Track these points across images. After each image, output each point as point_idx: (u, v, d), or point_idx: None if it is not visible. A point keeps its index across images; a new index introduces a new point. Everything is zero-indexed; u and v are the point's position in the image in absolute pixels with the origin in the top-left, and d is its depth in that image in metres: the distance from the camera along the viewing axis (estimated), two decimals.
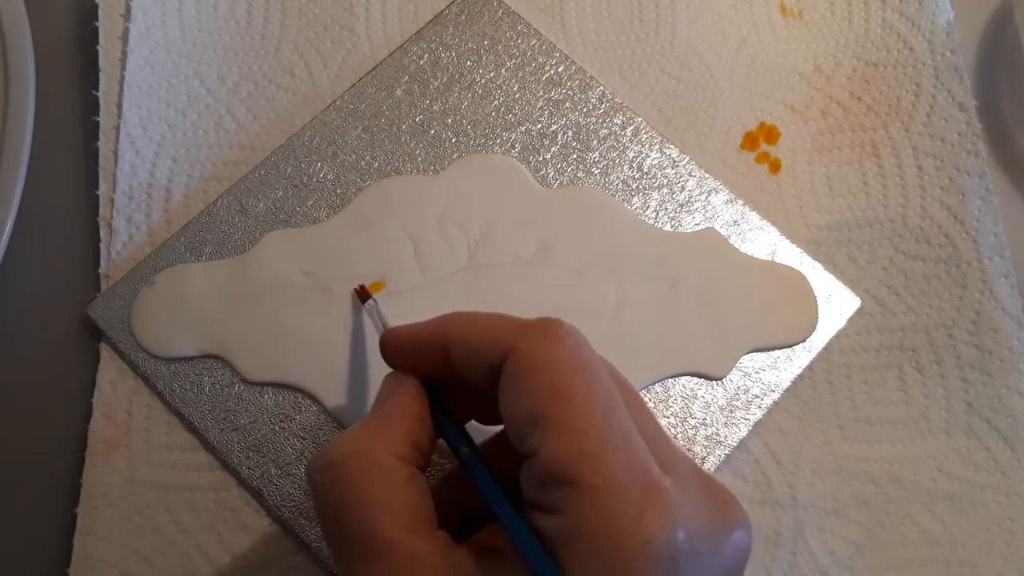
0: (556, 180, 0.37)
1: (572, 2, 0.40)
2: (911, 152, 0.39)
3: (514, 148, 0.37)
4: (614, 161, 0.37)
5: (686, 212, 0.37)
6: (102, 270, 0.35)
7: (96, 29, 0.38)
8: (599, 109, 0.38)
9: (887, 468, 0.35)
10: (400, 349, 0.27)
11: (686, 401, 0.35)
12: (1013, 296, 0.37)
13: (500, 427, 0.28)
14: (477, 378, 0.25)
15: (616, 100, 0.38)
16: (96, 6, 0.38)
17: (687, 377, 0.35)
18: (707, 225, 0.37)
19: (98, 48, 0.37)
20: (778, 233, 0.37)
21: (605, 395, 0.23)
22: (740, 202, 0.37)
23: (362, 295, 0.33)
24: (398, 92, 0.38)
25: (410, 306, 0.34)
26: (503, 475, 0.24)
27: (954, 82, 0.39)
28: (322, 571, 0.32)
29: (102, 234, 0.36)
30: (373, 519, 0.23)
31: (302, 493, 0.32)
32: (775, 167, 0.38)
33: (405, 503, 0.23)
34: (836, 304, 0.36)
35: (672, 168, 0.38)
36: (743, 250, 0.37)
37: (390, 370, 0.27)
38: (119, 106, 0.37)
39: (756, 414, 0.35)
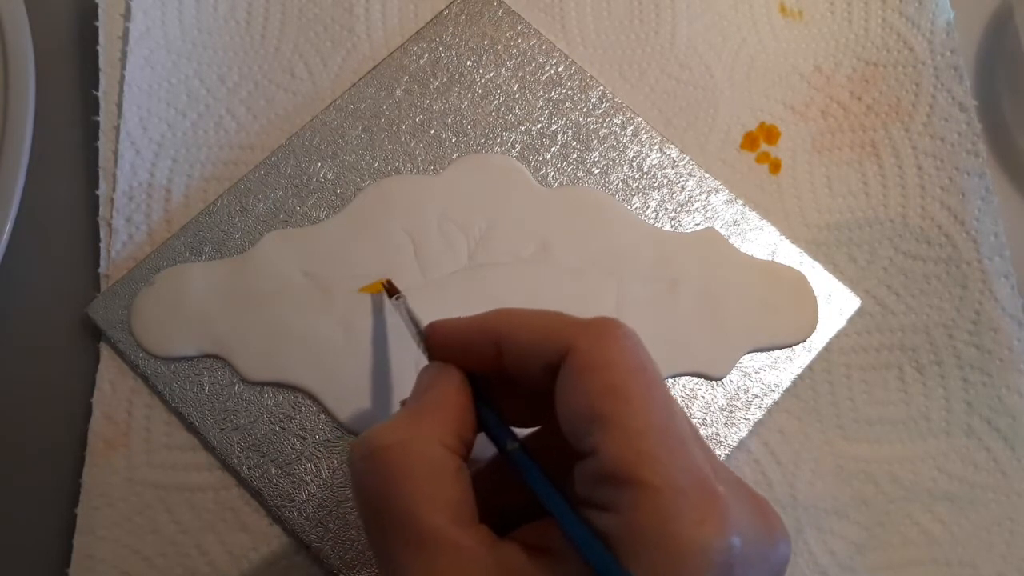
0: (556, 180, 0.37)
1: (572, 2, 0.40)
2: (911, 152, 0.39)
3: (514, 148, 0.37)
4: (614, 161, 0.37)
5: (686, 212, 0.37)
6: (102, 270, 0.35)
7: (96, 29, 0.38)
8: (599, 109, 0.38)
9: (887, 468, 0.35)
10: (447, 342, 0.27)
11: (686, 401, 0.35)
12: (1013, 296, 0.37)
13: (532, 428, 0.28)
14: (530, 375, 0.25)
15: (616, 100, 0.38)
16: (96, 6, 0.38)
17: (687, 377, 0.35)
18: (707, 225, 0.37)
19: (98, 48, 0.37)
20: (778, 233, 0.37)
21: (664, 398, 0.23)
22: (740, 202, 0.37)
23: (390, 290, 0.32)
24: (398, 92, 0.38)
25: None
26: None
27: (954, 82, 0.39)
28: (322, 571, 0.32)
29: (102, 234, 0.36)
30: (418, 509, 0.22)
31: (302, 493, 0.32)
32: (775, 167, 0.38)
33: (450, 494, 0.23)
34: (836, 304, 0.36)
35: (672, 168, 0.38)
36: (743, 250, 0.37)
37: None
38: (119, 106, 0.37)
39: (756, 414, 0.35)
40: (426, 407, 0.25)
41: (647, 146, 0.38)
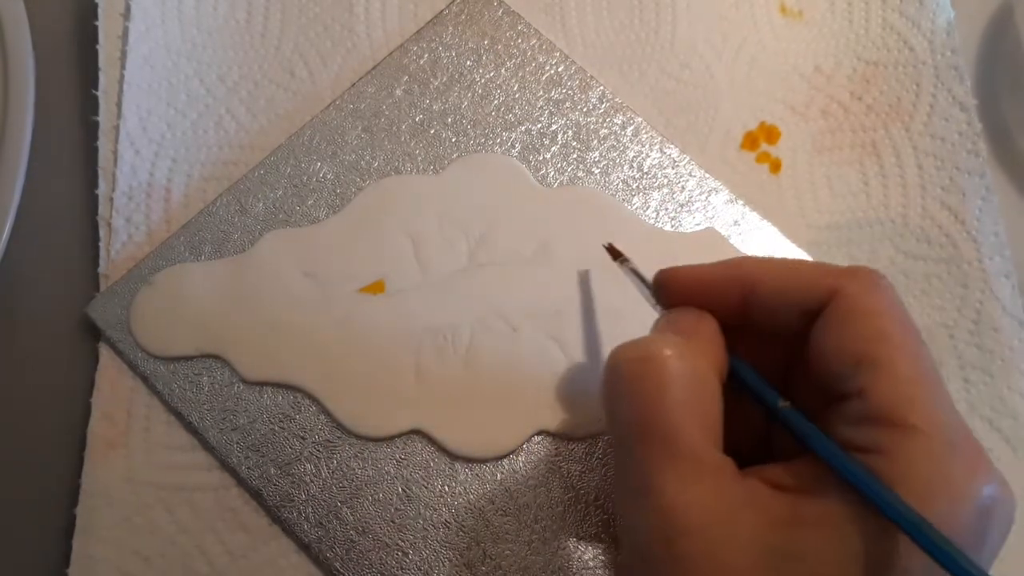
0: (556, 180, 0.37)
1: (572, 2, 0.40)
2: (911, 152, 0.39)
3: (514, 148, 0.37)
4: (614, 161, 0.37)
5: (686, 212, 0.37)
6: (101, 270, 0.35)
7: (96, 29, 0.38)
8: (599, 109, 0.38)
9: None
10: (686, 288, 0.26)
11: None
12: (1014, 296, 0.37)
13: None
14: (780, 321, 0.25)
15: (616, 100, 0.38)
16: (96, 6, 0.38)
17: None
18: (707, 225, 0.37)
19: (98, 48, 0.37)
20: (778, 233, 0.37)
21: (927, 351, 0.24)
22: (740, 202, 0.37)
23: (613, 252, 0.32)
24: (398, 92, 0.38)
25: (410, 306, 0.34)
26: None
27: (954, 82, 0.39)
28: (322, 571, 0.32)
29: (102, 234, 0.36)
30: (684, 424, 0.22)
31: (302, 493, 0.32)
32: (775, 167, 0.38)
33: (712, 416, 0.23)
34: None
35: (672, 168, 0.38)
36: (743, 250, 0.37)
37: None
38: (119, 106, 0.37)
39: None
40: (693, 334, 0.25)
41: (647, 146, 0.38)
